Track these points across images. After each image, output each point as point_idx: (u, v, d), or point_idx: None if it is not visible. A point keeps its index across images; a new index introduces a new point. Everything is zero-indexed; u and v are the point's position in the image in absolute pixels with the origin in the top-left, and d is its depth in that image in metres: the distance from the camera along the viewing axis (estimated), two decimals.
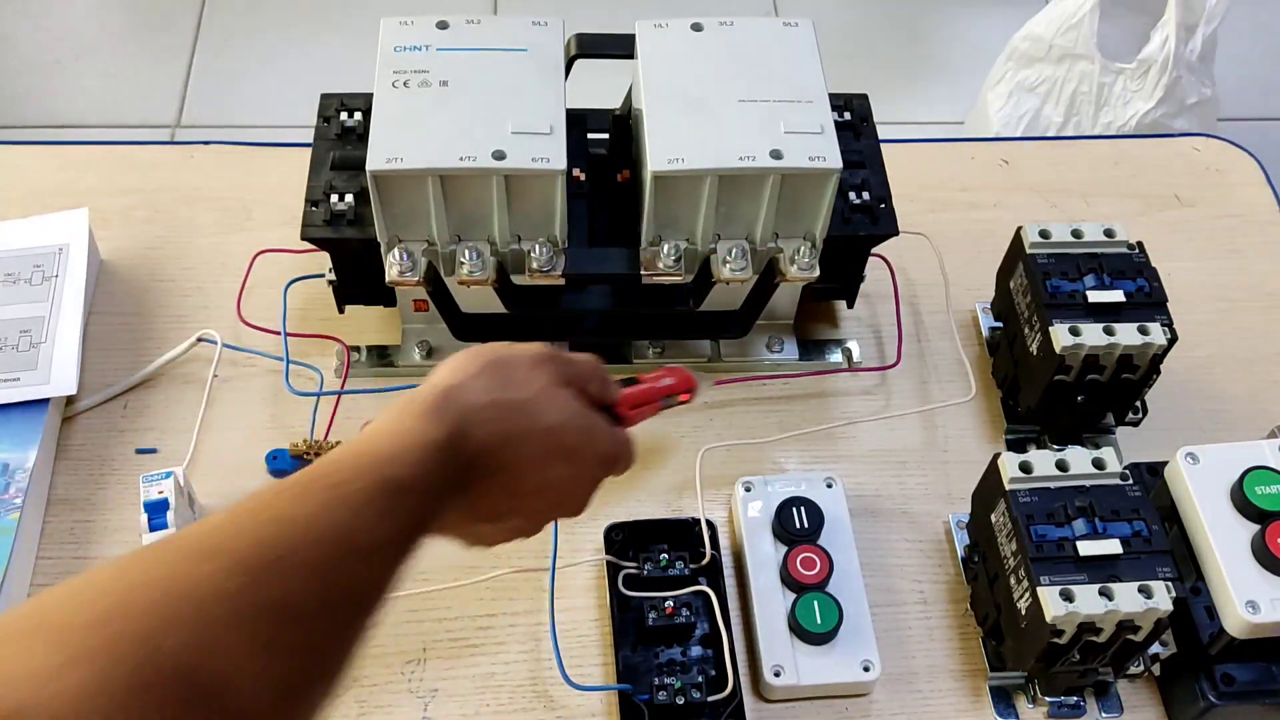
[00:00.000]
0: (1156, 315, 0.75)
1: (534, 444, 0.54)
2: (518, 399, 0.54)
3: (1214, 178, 1.01)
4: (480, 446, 0.52)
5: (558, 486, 0.57)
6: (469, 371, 0.54)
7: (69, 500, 0.78)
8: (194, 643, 0.37)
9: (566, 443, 0.56)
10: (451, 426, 0.51)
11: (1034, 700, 0.73)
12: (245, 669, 0.38)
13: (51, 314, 0.83)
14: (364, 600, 0.45)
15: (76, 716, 0.33)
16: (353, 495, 0.45)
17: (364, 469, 0.47)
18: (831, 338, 0.88)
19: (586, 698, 0.71)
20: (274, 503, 0.44)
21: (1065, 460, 0.68)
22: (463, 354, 0.55)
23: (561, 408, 0.56)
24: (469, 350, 0.56)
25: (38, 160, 0.96)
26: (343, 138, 0.80)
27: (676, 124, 0.74)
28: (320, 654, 0.42)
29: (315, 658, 0.42)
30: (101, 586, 0.39)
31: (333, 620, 0.43)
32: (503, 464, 0.53)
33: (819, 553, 0.73)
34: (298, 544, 0.42)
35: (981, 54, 1.87)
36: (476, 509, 0.54)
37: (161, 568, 0.40)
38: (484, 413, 0.52)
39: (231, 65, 1.97)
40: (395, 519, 0.46)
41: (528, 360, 0.56)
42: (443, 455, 0.50)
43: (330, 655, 0.43)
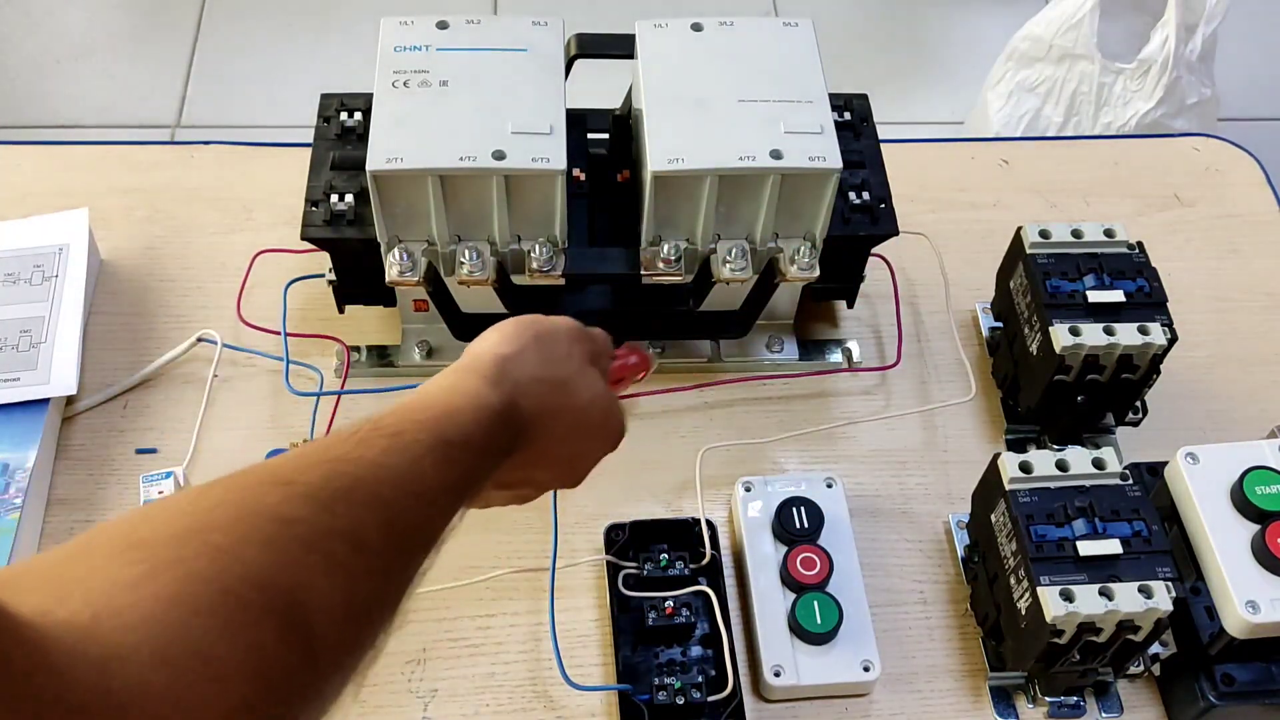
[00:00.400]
0: (1156, 315, 0.75)
1: (565, 421, 0.56)
2: (561, 376, 0.56)
3: (1214, 178, 1.01)
4: (526, 415, 0.53)
5: (572, 460, 0.59)
6: (521, 342, 0.55)
7: (69, 500, 0.78)
8: (271, 558, 0.38)
9: (591, 420, 0.58)
10: (506, 395, 0.52)
11: (1034, 700, 0.73)
12: (318, 587, 0.39)
13: (51, 314, 0.83)
14: (424, 539, 0.46)
15: (154, 624, 0.34)
16: (412, 445, 0.47)
17: (424, 423, 0.48)
18: (831, 338, 0.88)
19: (586, 698, 0.71)
20: (339, 445, 0.45)
21: (1065, 460, 0.68)
22: (511, 323, 0.57)
23: (591, 386, 0.58)
24: (516, 320, 0.57)
25: (38, 160, 0.96)
26: (343, 138, 0.80)
27: (676, 124, 0.74)
28: (385, 582, 0.44)
29: (380, 585, 0.43)
30: (179, 508, 0.40)
31: (397, 552, 0.44)
32: (537, 436, 0.54)
33: (819, 553, 0.73)
34: (363, 480, 0.44)
35: (981, 54, 1.87)
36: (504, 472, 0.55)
37: (237, 492, 0.41)
38: (533, 386, 0.54)
39: (231, 65, 1.97)
40: (452, 470, 0.48)
41: (566, 336, 0.58)
42: (498, 420, 0.51)
43: (393, 585, 0.44)
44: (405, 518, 0.45)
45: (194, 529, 0.38)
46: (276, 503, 0.41)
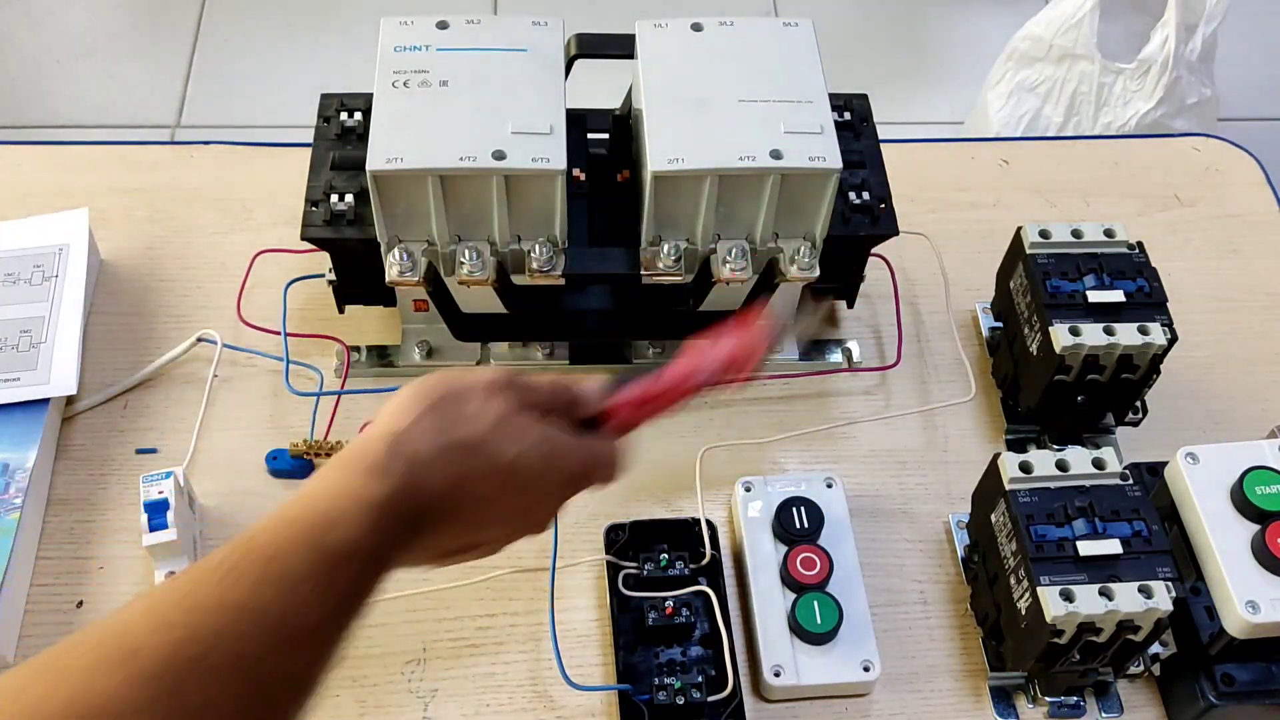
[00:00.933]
0: (1156, 315, 0.75)
1: (492, 481, 0.51)
2: (471, 437, 0.50)
3: (1214, 178, 1.01)
4: (433, 495, 0.49)
5: (518, 515, 0.54)
6: (415, 412, 0.50)
7: (69, 500, 0.78)
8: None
9: (529, 472, 0.52)
10: (399, 480, 0.47)
11: (1034, 700, 0.73)
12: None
13: (51, 314, 0.83)
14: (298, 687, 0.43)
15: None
16: (288, 574, 0.42)
17: (302, 539, 0.44)
18: (831, 338, 0.88)
19: (586, 698, 0.71)
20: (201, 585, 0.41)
21: (1065, 460, 0.68)
22: (408, 390, 0.51)
23: (520, 437, 0.51)
24: (415, 385, 0.52)
25: (38, 160, 0.96)
26: (343, 138, 0.80)
27: (676, 124, 0.74)
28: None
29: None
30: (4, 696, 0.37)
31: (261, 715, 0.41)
32: (460, 505, 0.50)
33: (819, 553, 0.73)
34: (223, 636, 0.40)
35: (981, 54, 1.87)
36: (429, 552, 0.51)
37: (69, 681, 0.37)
38: (435, 459, 0.49)
39: (231, 65, 1.97)
40: (335, 591, 0.44)
41: (480, 390, 0.52)
42: (388, 514, 0.47)
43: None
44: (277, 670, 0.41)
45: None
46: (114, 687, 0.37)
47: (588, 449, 0.55)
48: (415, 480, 0.48)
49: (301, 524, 0.45)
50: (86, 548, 0.76)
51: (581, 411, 0.56)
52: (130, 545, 0.75)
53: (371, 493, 0.47)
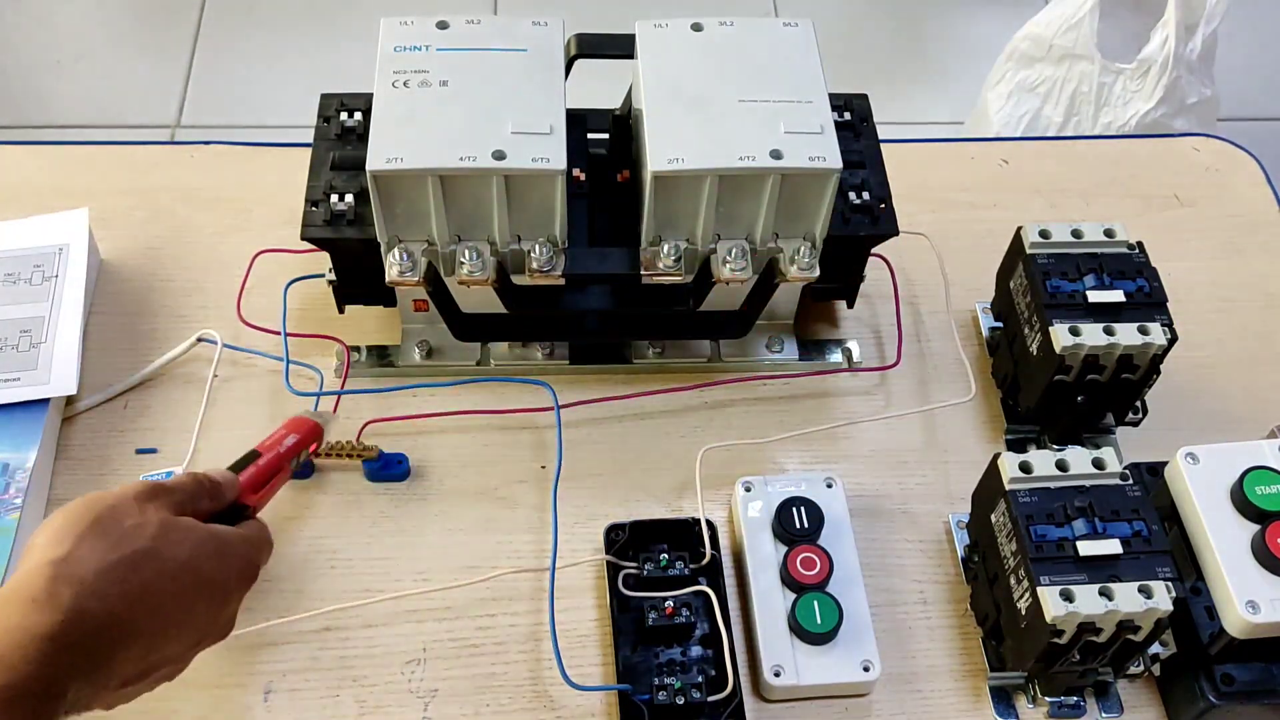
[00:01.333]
0: (1156, 315, 0.75)
1: (167, 589, 0.50)
2: (139, 549, 0.49)
3: (1214, 178, 1.01)
4: (105, 618, 0.47)
5: (201, 620, 0.53)
6: (74, 535, 0.49)
7: (69, 500, 0.78)
8: None
9: (203, 574, 0.52)
10: (66, 610, 0.46)
11: (1034, 700, 0.73)
12: None
13: (51, 314, 0.83)
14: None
15: None
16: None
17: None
18: (831, 338, 0.88)
19: (586, 698, 0.71)
20: None
21: (1065, 460, 0.68)
22: (60, 515, 0.50)
23: (185, 539, 0.52)
24: (64, 511, 0.50)
25: (38, 160, 0.96)
26: (343, 138, 0.80)
27: (676, 124, 0.74)
28: None
29: None
30: None
31: None
32: (134, 626, 0.48)
33: (819, 553, 0.73)
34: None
35: (981, 54, 1.87)
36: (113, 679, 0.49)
37: None
38: (103, 578, 0.47)
39: (231, 65, 1.97)
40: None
41: (133, 502, 0.52)
42: (57, 646, 0.45)
43: None
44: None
45: None
46: None
47: (246, 536, 0.56)
48: (84, 605, 0.46)
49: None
50: None
51: (224, 500, 0.57)
52: None
53: (36, 626, 0.45)
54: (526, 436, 0.83)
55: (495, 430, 0.82)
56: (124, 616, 0.48)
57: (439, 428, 0.82)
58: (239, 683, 0.71)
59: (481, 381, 0.84)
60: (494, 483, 0.80)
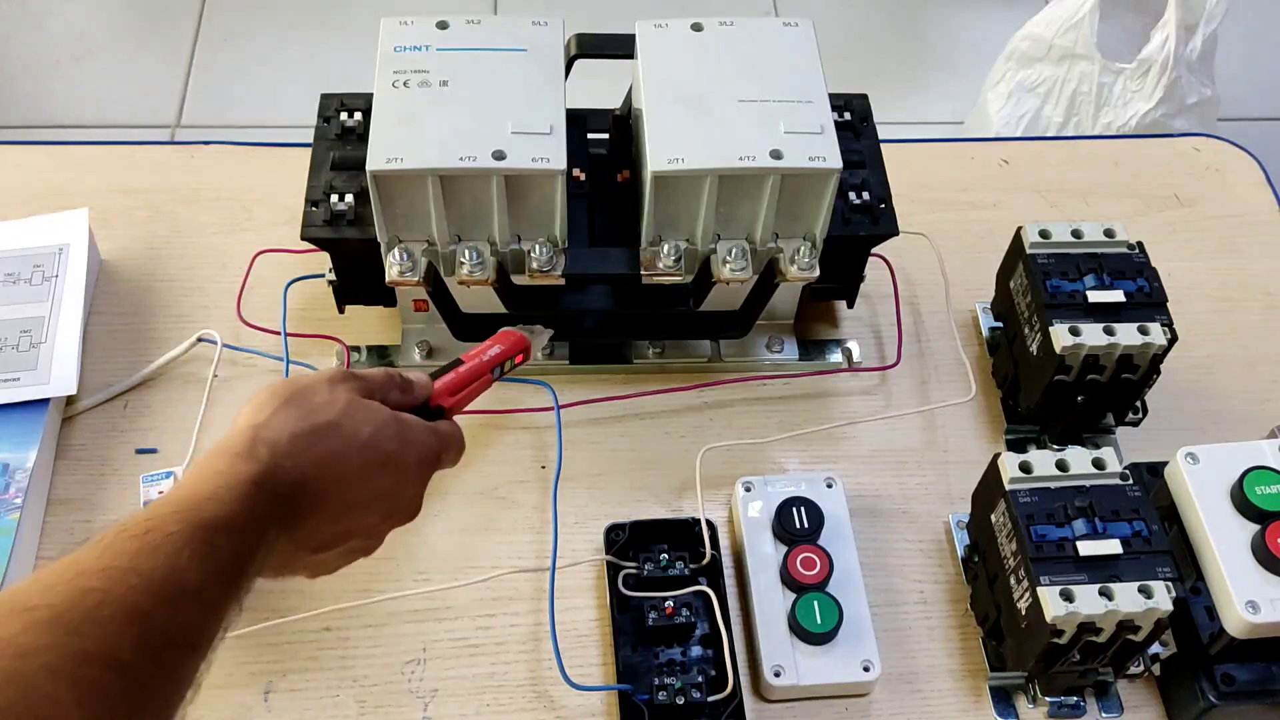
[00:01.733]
0: (1156, 315, 0.75)
1: (351, 460, 0.54)
2: (326, 421, 0.54)
3: (1214, 178, 1.01)
4: (298, 477, 0.52)
5: (385, 495, 0.57)
6: (271, 408, 0.54)
7: (69, 500, 0.78)
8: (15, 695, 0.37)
9: (384, 450, 0.56)
10: (265, 462, 0.51)
11: (1034, 700, 0.73)
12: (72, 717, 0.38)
13: (51, 314, 0.83)
14: (188, 645, 0.44)
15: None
16: (164, 542, 0.45)
17: (175, 515, 0.46)
18: (831, 338, 0.88)
19: (586, 698, 0.71)
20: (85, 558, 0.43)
21: (1065, 460, 0.68)
22: (262, 391, 0.55)
23: (370, 419, 0.56)
24: (268, 388, 0.56)
25: (38, 160, 0.96)
26: (343, 138, 0.80)
27: (676, 124, 0.74)
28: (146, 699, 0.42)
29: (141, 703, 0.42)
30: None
31: (158, 666, 0.43)
32: (324, 489, 0.53)
33: (819, 553, 0.73)
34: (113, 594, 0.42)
35: (981, 54, 1.87)
36: (309, 539, 0.54)
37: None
38: (295, 443, 0.52)
39: (231, 65, 1.97)
40: (214, 558, 0.46)
41: (325, 383, 0.57)
42: (258, 490, 0.50)
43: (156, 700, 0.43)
44: (166, 625, 0.43)
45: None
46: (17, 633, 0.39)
47: (434, 429, 0.60)
48: (279, 462, 0.51)
49: (172, 504, 0.47)
50: None
51: (415, 398, 0.61)
52: None
53: (237, 473, 0.50)
54: (526, 436, 0.83)
55: (495, 430, 0.82)
56: (313, 477, 0.53)
57: None
58: (239, 683, 0.71)
59: None
60: (494, 483, 0.80)
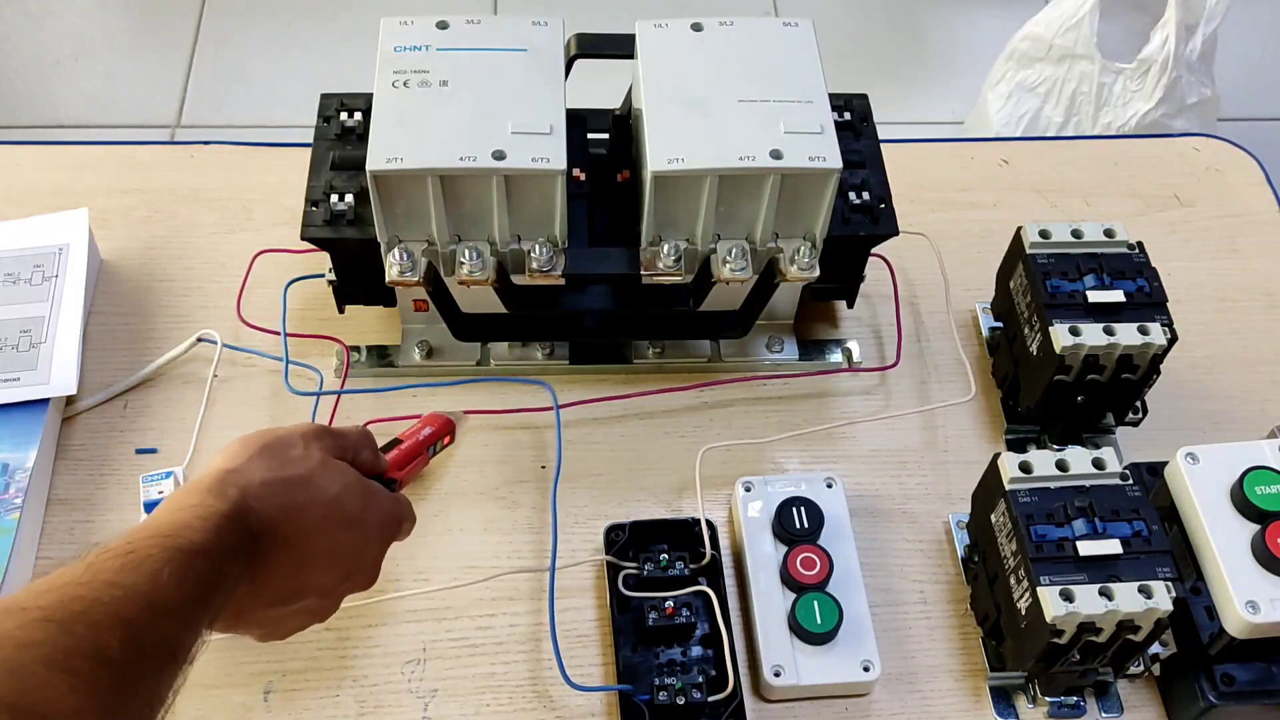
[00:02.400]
0: (1156, 315, 0.75)
1: (316, 515, 0.56)
2: (296, 474, 0.56)
3: (1214, 178, 1.01)
4: (264, 521, 0.53)
5: (345, 555, 0.59)
6: (245, 455, 0.56)
7: (69, 500, 0.78)
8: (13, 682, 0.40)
9: (348, 510, 0.58)
10: (233, 501, 0.52)
11: (1034, 700, 0.73)
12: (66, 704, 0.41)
13: (51, 314, 0.83)
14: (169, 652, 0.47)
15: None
16: (145, 560, 0.47)
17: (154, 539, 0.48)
18: (831, 338, 0.88)
19: (586, 698, 0.71)
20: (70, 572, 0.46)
21: (1065, 460, 0.68)
22: (236, 441, 0.57)
23: (339, 478, 0.58)
24: (242, 437, 0.58)
25: (38, 160, 0.96)
26: (343, 138, 0.80)
27: (676, 124, 0.74)
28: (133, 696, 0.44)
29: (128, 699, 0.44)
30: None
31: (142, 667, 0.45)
32: (287, 538, 0.54)
33: (819, 553, 0.73)
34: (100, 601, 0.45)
35: (981, 54, 1.87)
36: (266, 587, 0.55)
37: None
38: (264, 489, 0.54)
39: (231, 65, 1.97)
40: (191, 580, 0.48)
41: (300, 438, 0.58)
42: (229, 523, 0.51)
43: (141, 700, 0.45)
44: (148, 632, 0.45)
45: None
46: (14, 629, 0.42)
47: (395, 499, 0.63)
48: (248, 503, 0.53)
49: (150, 530, 0.49)
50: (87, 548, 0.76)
51: (378, 467, 0.64)
52: None
53: (211, 506, 0.52)
54: (526, 436, 0.83)
55: (495, 430, 0.82)
56: (278, 522, 0.54)
57: None
58: (239, 683, 0.71)
59: (481, 381, 0.84)
60: (494, 483, 0.80)
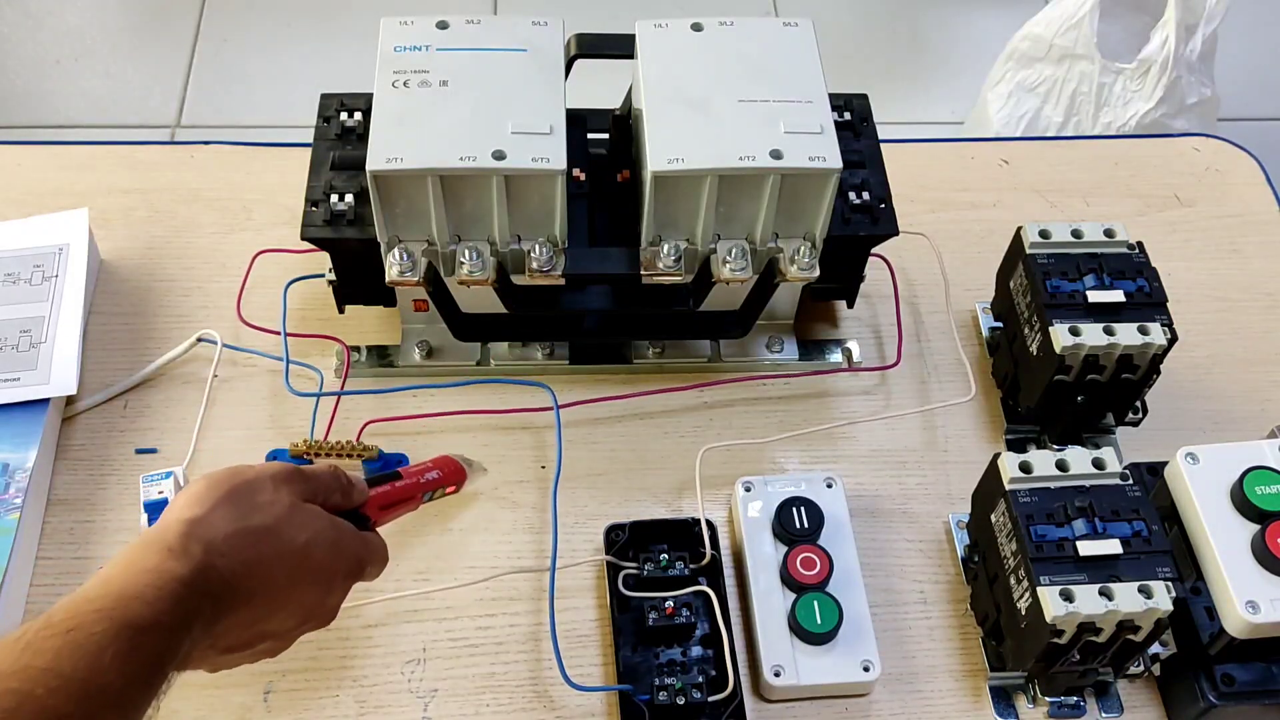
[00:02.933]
0: (1156, 315, 0.75)
1: (283, 566, 0.54)
2: (263, 524, 0.53)
3: (1214, 178, 1.01)
4: (227, 577, 0.51)
5: (307, 604, 0.57)
6: (210, 502, 0.53)
7: (69, 500, 0.78)
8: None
9: (316, 560, 0.56)
10: (196, 561, 0.50)
11: (1034, 700, 0.73)
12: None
13: (51, 314, 0.83)
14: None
15: None
16: (87, 641, 0.44)
17: (102, 612, 0.46)
18: (831, 338, 0.88)
19: (586, 698, 0.71)
20: (5, 656, 0.42)
21: (1065, 460, 0.68)
22: (201, 482, 0.54)
23: (308, 525, 0.56)
24: (207, 478, 0.55)
25: (38, 160, 0.96)
26: (343, 138, 0.80)
27: (676, 124, 0.74)
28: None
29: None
30: None
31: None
32: (251, 591, 0.52)
33: (819, 553, 0.73)
34: (32, 695, 0.41)
35: (981, 54, 1.87)
36: (222, 639, 0.53)
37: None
38: (229, 542, 0.52)
39: (231, 65, 1.97)
40: (137, 659, 0.45)
41: (269, 481, 0.56)
42: (186, 591, 0.49)
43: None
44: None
45: None
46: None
47: (365, 540, 0.60)
48: (211, 561, 0.50)
49: (99, 600, 0.46)
50: (86, 548, 0.76)
51: (353, 501, 0.61)
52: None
53: (170, 570, 0.49)
54: (526, 437, 0.83)
55: (495, 430, 0.82)
56: (241, 581, 0.52)
57: (439, 428, 0.82)
58: (239, 683, 0.71)
59: (481, 382, 0.84)
60: (494, 483, 0.80)
